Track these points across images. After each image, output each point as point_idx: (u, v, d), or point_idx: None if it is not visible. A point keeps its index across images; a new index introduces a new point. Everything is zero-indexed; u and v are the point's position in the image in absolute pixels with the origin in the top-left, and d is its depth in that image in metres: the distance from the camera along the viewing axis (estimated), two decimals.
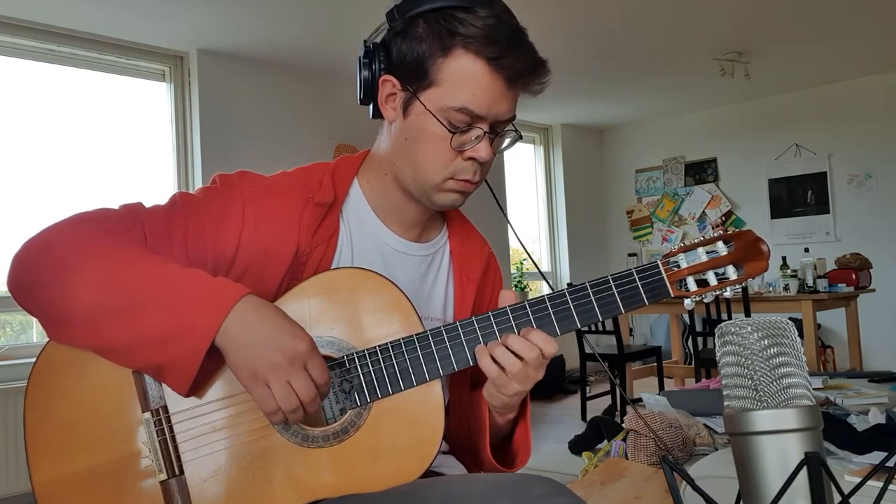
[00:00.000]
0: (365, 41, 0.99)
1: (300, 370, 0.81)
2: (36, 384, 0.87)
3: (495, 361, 0.89)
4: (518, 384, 0.90)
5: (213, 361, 0.83)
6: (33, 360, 0.88)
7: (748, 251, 0.90)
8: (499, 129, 0.96)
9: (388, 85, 0.97)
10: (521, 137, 1.01)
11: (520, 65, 0.92)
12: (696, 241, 0.93)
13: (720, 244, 0.91)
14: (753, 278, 0.92)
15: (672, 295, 0.92)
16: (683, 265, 0.92)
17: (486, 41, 0.90)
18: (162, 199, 0.97)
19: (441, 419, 0.89)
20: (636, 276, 0.91)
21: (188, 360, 0.80)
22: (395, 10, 0.95)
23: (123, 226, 0.89)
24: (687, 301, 0.92)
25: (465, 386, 1.07)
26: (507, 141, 0.99)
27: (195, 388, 0.84)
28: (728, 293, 0.92)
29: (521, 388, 0.91)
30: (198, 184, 4.24)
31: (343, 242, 1.00)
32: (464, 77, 0.91)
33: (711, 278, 0.91)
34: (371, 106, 1.00)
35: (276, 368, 0.80)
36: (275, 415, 0.82)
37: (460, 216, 1.13)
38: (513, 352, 0.88)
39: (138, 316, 0.81)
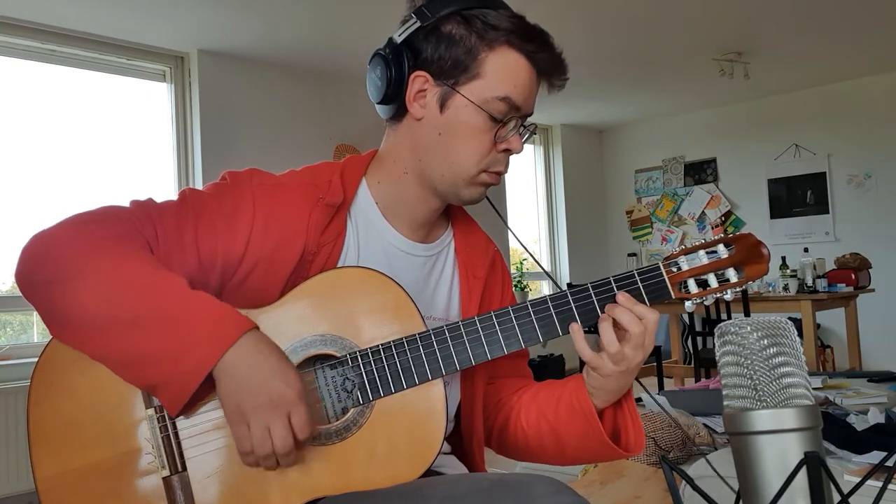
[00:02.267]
0: (391, 39, 0.99)
1: (282, 418, 0.81)
2: (40, 379, 0.88)
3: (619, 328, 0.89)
4: (641, 352, 0.90)
5: (208, 376, 0.83)
6: (33, 360, 0.88)
7: (749, 254, 0.91)
8: (524, 123, 1.00)
9: (420, 81, 0.97)
10: (534, 132, 1.05)
11: (551, 60, 0.97)
12: (696, 243, 0.93)
13: (721, 247, 0.92)
14: (753, 281, 0.92)
15: (674, 297, 0.92)
16: (685, 267, 0.92)
17: (525, 37, 0.95)
18: (169, 197, 0.97)
19: (443, 419, 0.89)
20: (638, 278, 0.92)
21: (183, 384, 0.80)
22: (424, 9, 0.97)
23: (133, 227, 0.89)
24: (688, 303, 0.92)
25: (481, 383, 1.07)
26: (526, 136, 1.03)
27: (192, 400, 0.83)
28: (728, 296, 0.92)
29: (615, 369, 0.91)
30: (198, 184, 4.24)
31: (349, 243, 1.00)
32: (508, 69, 0.95)
33: (712, 280, 0.92)
34: (391, 105, 1.00)
35: (259, 411, 0.80)
36: (248, 456, 0.82)
37: (465, 215, 1.14)
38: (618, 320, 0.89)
39: (138, 332, 0.80)
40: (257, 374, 0.80)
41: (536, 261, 1.12)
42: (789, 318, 0.68)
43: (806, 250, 4.94)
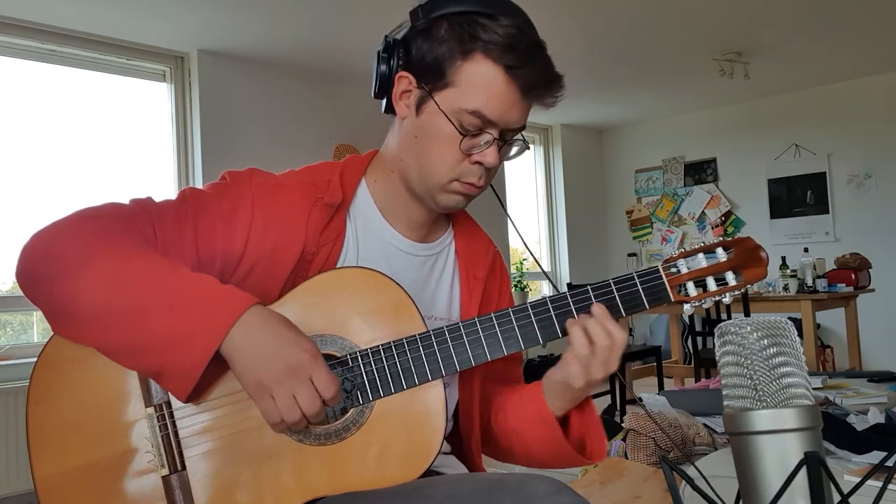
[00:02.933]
0: (386, 36, 0.99)
1: (305, 382, 0.81)
2: (39, 378, 0.88)
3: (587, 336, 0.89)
4: (603, 368, 0.90)
5: (216, 359, 0.83)
6: (33, 359, 0.88)
7: (747, 258, 0.91)
8: (508, 137, 0.97)
9: (405, 81, 0.97)
10: (528, 147, 1.02)
11: (536, 76, 0.93)
12: (696, 246, 0.93)
13: (720, 250, 0.92)
14: (752, 285, 0.92)
15: (673, 300, 0.92)
16: (683, 270, 0.92)
17: (506, 49, 0.91)
18: (170, 196, 0.97)
19: (442, 420, 0.89)
20: (637, 280, 0.92)
21: (190, 367, 0.80)
22: (419, 9, 0.96)
23: (133, 223, 0.89)
24: (686, 306, 0.92)
25: (476, 385, 1.07)
26: (514, 150, 1.00)
27: (196, 392, 0.84)
28: (727, 299, 0.92)
29: (605, 373, 0.90)
30: (198, 184, 4.24)
31: (349, 242, 1.00)
32: (480, 82, 0.92)
33: (711, 284, 0.92)
34: (385, 101, 1.01)
35: (280, 381, 0.80)
36: (278, 425, 0.83)
37: (466, 216, 1.14)
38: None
39: (143, 318, 0.81)
40: (269, 345, 0.80)
41: (536, 259, 1.12)
42: (789, 318, 0.67)
43: (806, 250, 4.94)
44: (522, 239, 1.17)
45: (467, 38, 0.92)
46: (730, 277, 0.91)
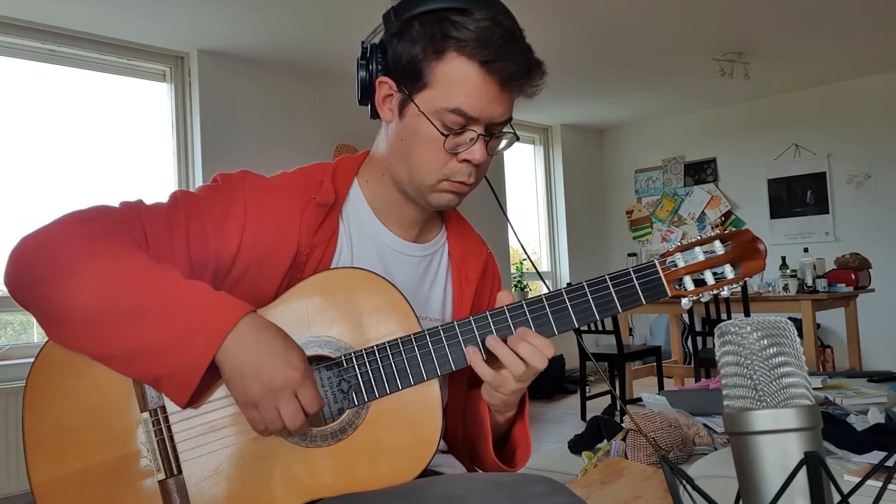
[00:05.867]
0: (363, 42, 0.99)
1: (290, 397, 0.81)
2: (35, 383, 0.87)
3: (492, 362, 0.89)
4: (515, 383, 0.90)
5: (211, 363, 0.83)
6: (33, 359, 0.88)
7: (745, 250, 0.90)
8: (494, 131, 0.96)
9: (385, 86, 0.97)
10: (517, 139, 1.01)
11: (513, 68, 0.92)
12: (693, 240, 0.93)
13: (717, 243, 0.91)
14: (750, 277, 0.92)
15: (669, 294, 0.91)
16: (680, 264, 0.92)
17: (479, 44, 0.90)
18: (162, 198, 0.96)
19: (439, 419, 0.89)
20: (633, 276, 0.91)
21: (188, 372, 0.80)
22: (391, 12, 0.95)
23: (124, 226, 0.88)
24: (684, 300, 0.92)
25: (463, 386, 1.07)
26: (503, 143, 0.99)
27: (194, 396, 0.83)
28: (725, 292, 0.92)
29: (519, 387, 0.91)
30: (198, 184, 4.24)
31: (342, 243, 1.00)
32: (457, 80, 0.91)
33: (709, 277, 0.91)
34: (369, 106, 1.01)
35: (266, 394, 0.81)
36: (263, 433, 0.85)
37: (459, 217, 1.13)
38: (517, 353, 0.88)
39: (139, 323, 0.80)
40: (259, 357, 0.81)
41: (533, 263, 1.12)
42: (789, 318, 0.67)
43: (806, 250, 4.94)
44: (521, 244, 1.17)
45: (439, 37, 0.91)
46: (728, 270, 0.91)
